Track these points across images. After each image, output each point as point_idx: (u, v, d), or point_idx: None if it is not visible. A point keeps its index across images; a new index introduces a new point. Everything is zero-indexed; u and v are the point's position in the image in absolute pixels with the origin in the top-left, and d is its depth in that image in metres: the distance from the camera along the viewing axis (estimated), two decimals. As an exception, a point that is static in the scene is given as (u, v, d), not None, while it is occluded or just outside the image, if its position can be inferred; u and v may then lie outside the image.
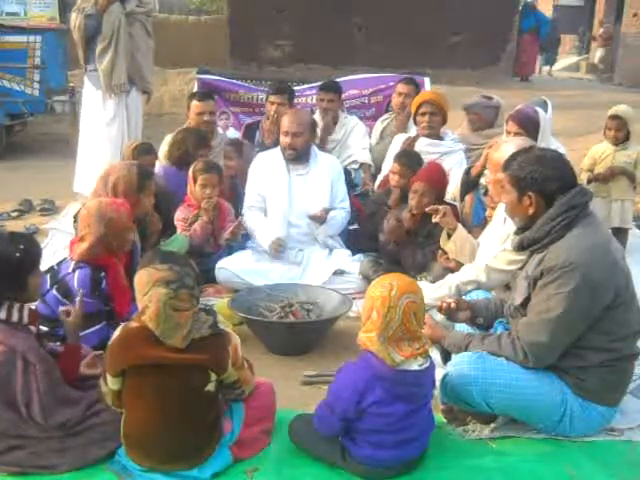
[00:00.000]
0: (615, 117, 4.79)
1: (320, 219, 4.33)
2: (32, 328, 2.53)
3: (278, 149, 4.47)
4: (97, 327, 3.00)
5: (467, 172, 4.37)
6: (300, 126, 4.31)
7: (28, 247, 2.52)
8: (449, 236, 3.71)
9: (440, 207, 3.72)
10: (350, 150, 5.37)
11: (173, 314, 2.28)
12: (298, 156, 4.35)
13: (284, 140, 4.33)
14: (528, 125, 3.95)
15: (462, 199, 4.41)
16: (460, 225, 3.73)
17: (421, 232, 4.15)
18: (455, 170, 4.60)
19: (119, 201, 3.25)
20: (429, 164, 4.35)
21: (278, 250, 4.20)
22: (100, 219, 3.06)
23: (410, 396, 2.39)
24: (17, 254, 2.46)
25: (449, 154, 4.71)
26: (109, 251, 3.09)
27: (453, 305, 2.92)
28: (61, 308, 2.75)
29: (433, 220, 3.74)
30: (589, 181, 4.84)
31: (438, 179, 4.17)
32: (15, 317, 2.45)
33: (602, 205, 4.77)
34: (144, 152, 4.42)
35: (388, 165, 4.77)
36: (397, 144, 4.93)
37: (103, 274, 3.04)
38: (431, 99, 4.74)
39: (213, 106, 5.16)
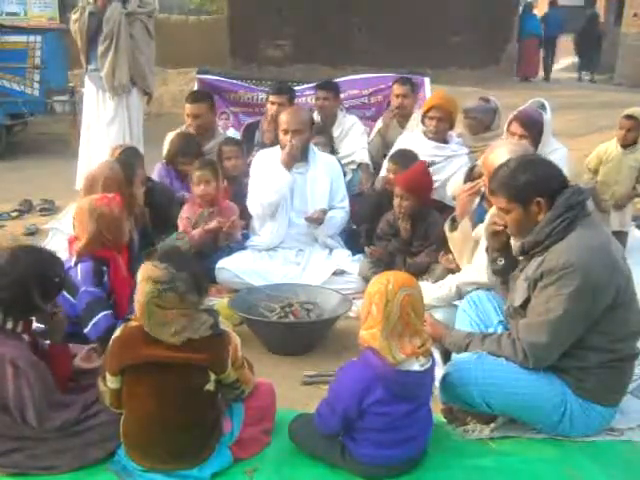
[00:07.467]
0: (629, 117, 4.78)
1: (317, 221, 4.33)
2: (25, 336, 2.54)
3: (278, 147, 4.47)
4: (103, 314, 2.99)
5: (468, 176, 4.37)
6: (300, 124, 4.30)
7: (65, 276, 2.63)
8: (453, 224, 3.60)
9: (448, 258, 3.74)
10: (344, 150, 5.35)
11: (157, 311, 2.27)
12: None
13: (284, 138, 4.31)
14: (532, 128, 3.90)
15: None
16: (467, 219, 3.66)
17: (416, 236, 4.13)
18: (460, 173, 4.58)
19: (110, 195, 3.28)
20: (412, 167, 4.23)
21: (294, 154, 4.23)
22: (91, 215, 3.10)
23: (411, 396, 2.39)
24: (57, 279, 2.55)
25: (454, 158, 4.69)
26: (106, 246, 3.12)
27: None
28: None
29: (439, 260, 3.80)
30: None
31: (418, 182, 4.09)
32: (9, 325, 2.47)
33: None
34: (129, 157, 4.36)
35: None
36: (401, 144, 4.89)
37: (105, 268, 3.07)
38: (440, 105, 4.66)
39: (205, 108, 5.06)
